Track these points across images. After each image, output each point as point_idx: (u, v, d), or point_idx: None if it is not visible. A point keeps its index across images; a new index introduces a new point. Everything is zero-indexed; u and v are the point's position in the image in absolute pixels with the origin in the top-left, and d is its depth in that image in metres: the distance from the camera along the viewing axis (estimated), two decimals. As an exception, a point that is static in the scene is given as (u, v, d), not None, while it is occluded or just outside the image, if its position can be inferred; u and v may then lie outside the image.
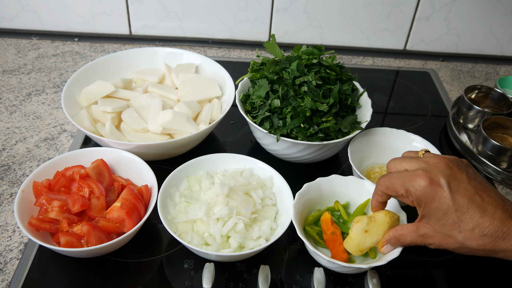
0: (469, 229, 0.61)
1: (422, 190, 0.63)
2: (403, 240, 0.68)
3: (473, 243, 0.61)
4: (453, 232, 0.62)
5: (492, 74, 1.44)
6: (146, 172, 0.88)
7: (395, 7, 1.36)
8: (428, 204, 0.63)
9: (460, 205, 0.61)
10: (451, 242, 0.63)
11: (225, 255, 0.75)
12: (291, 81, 0.94)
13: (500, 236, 0.60)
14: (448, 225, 0.62)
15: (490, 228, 0.60)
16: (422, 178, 0.63)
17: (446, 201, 0.62)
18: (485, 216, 0.60)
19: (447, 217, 0.62)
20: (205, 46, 1.46)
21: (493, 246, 0.61)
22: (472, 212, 0.61)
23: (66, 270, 0.80)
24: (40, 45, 1.40)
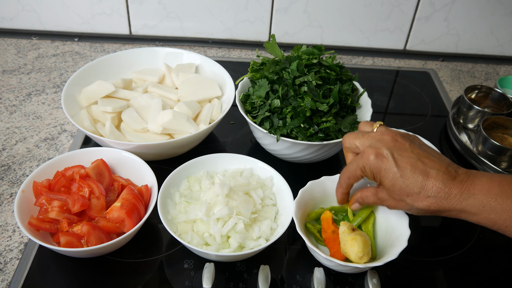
0: (415, 193, 0.67)
1: (371, 164, 0.70)
2: (367, 201, 0.76)
3: (419, 204, 0.67)
4: (402, 196, 0.68)
5: (492, 74, 1.44)
6: (146, 172, 0.88)
7: (395, 7, 1.36)
8: (378, 174, 0.70)
9: (404, 172, 0.67)
10: (402, 205, 0.70)
11: (225, 255, 0.75)
12: (291, 81, 0.94)
13: (443, 196, 0.65)
14: (397, 191, 0.69)
15: (433, 190, 0.66)
16: (370, 154, 0.70)
17: (392, 170, 0.68)
18: (428, 179, 0.66)
19: (395, 184, 0.68)
20: (205, 46, 1.46)
21: (438, 206, 0.66)
22: (416, 176, 0.66)
23: (66, 270, 0.80)
24: (40, 45, 1.40)
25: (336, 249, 0.78)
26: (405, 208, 0.71)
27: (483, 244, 0.90)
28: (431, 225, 0.93)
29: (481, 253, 0.88)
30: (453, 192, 0.65)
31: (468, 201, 0.65)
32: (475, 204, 0.64)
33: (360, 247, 0.73)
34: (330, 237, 0.79)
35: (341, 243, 0.76)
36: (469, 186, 0.65)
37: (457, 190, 0.65)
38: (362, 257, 0.73)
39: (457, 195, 0.65)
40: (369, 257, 0.74)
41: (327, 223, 0.80)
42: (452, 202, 0.65)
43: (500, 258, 0.88)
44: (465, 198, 0.65)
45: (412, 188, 0.67)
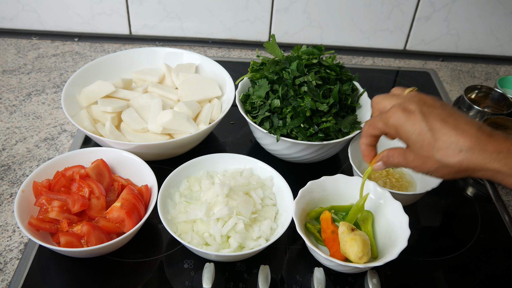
0: (445, 147, 0.62)
1: (396, 118, 0.66)
2: (392, 160, 0.71)
3: (450, 159, 0.62)
4: (431, 152, 0.63)
5: (492, 74, 1.44)
6: (146, 172, 0.88)
7: (395, 7, 1.36)
8: (403, 129, 0.65)
9: (433, 125, 0.63)
10: (430, 163, 0.64)
11: (225, 255, 0.75)
12: (291, 81, 0.94)
13: (477, 152, 0.60)
14: (425, 146, 0.63)
15: (466, 144, 0.60)
16: (396, 109, 0.66)
17: (419, 124, 0.63)
18: (459, 134, 0.61)
19: (423, 139, 0.63)
20: (205, 46, 1.46)
21: (470, 163, 0.61)
22: (446, 130, 0.62)
23: (66, 270, 0.80)
24: (40, 45, 1.40)
25: (336, 249, 0.78)
26: (433, 167, 0.64)
27: (483, 244, 0.90)
28: (431, 225, 0.94)
29: (481, 253, 0.88)
30: (489, 149, 0.60)
31: (506, 160, 0.59)
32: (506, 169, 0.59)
33: (359, 247, 0.73)
34: (329, 237, 0.79)
35: (340, 243, 0.76)
36: (509, 146, 0.60)
37: (493, 148, 0.60)
38: (361, 257, 0.73)
39: (493, 153, 0.59)
40: (368, 257, 0.74)
41: (326, 223, 0.80)
42: (488, 160, 0.60)
43: (500, 258, 0.88)
44: (504, 157, 0.59)
45: (443, 142, 0.61)
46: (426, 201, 0.96)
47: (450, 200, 0.99)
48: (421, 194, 0.88)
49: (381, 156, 0.73)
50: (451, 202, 0.99)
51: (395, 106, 0.67)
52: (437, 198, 0.98)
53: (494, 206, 0.98)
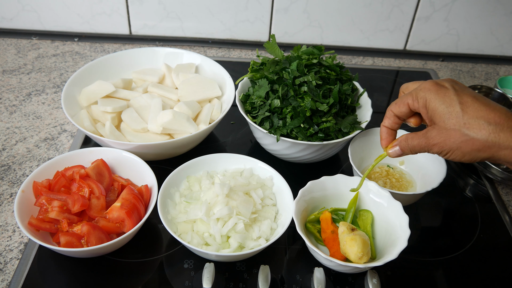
0: (473, 120, 0.61)
1: (428, 90, 0.65)
2: (411, 142, 0.69)
3: (477, 132, 0.61)
4: (458, 125, 0.62)
5: (492, 74, 1.44)
6: (146, 172, 0.88)
7: (395, 7, 1.36)
8: (433, 101, 0.65)
9: (465, 100, 0.63)
10: (455, 137, 0.63)
11: (225, 255, 0.75)
12: (291, 81, 0.94)
13: (505, 127, 0.60)
14: (453, 118, 0.63)
15: (495, 119, 0.60)
16: (428, 82, 0.66)
17: (451, 96, 0.64)
18: (490, 110, 0.61)
19: (451, 111, 0.63)
20: (205, 46, 1.46)
21: (497, 138, 0.60)
22: (477, 105, 0.62)
23: (66, 270, 0.80)
24: (40, 45, 1.40)
25: (336, 249, 0.78)
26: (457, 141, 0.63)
27: (483, 244, 0.90)
28: (431, 225, 0.94)
29: (481, 253, 0.88)
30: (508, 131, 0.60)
31: None
32: None
33: (359, 247, 0.73)
34: (329, 237, 0.79)
35: (340, 243, 0.77)
36: None
37: None
38: (361, 257, 0.73)
39: None
40: (368, 257, 0.74)
41: (326, 223, 0.80)
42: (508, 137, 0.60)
43: (500, 258, 0.88)
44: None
45: (471, 116, 0.61)
46: (426, 201, 0.96)
47: (450, 200, 0.99)
48: (421, 194, 0.88)
49: (399, 140, 0.71)
50: (451, 202, 0.99)
51: (427, 81, 0.67)
52: (437, 198, 0.98)
53: (494, 206, 0.98)
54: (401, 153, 0.72)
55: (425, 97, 0.66)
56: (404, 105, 0.69)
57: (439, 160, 0.92)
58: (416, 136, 0.68)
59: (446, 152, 0.65)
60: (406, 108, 0.70)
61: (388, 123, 0.73)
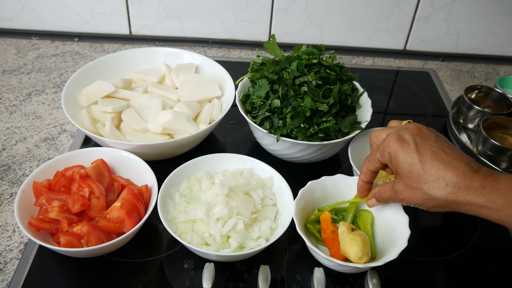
0: (433, 180, 0.64)
1: (391, 147, 0.69)
2: (384, 195, 0.74)
3: (436, 192, 0.64)
4: (419, 184, 0.65)
5: (492, 74, 1.44)
6: (146, 172, 0.88)
7: (395, 7, 1.36)
8: (396, 158, 0.68)
9: (424, 158, 0.65)
10: (418, 195, 0.66)
11: (225, 255, 0.75)
12: (291, 81, 0.94)
13: (462, 187, 0.62)
14: (414, 177, 0.66)
15: (453, 179, 0.63)
16: (391, 137, 0.69)
17: (411, 154, 0.66)
18: (448, 169, 0.63)
19: (412, 169, 0.66)
20: (205, 46, 1.46)
21: (455, 197, 0.63)
22: (436, 164, 0.64)
23: (66, 270, 0.80)
24: (40, 45, 1.40)
25: (336, 249, 0.78)
26: (420, 199, 0.66)
27: (483, 244, 0.90)
28: (431, 225, 0.94)
29: (481, 253, 0.88)
30: (474, 185, 0.62)
31: (491, 195, 0.61)
32: (498, 199, 0.61)
33: (359, 247, 0.73)
34: (329, 237, 0.79)
35: (340, 243, 0.76)
36: (492, 181, 0.62)
37: (479, 184, 0.62)
38: (361, 257, 0.73)
39: (478, 188, 0.62)
40: (368, 257, 0.74)
41: (326, 223, 0.80)
42: (473, 195, 0.62)
43: (500, 258, 0.88)
44: (488, 193, 0.61)
45: (431, 175, 0.64)
46: (426, 201, 0.96)
47: (450, 200, 0.99)
48: (421, 194, 0.87)
49: (373, 193, 0.77)
50: (451, 202, 0.99)
51: (390, 133, 0.70)
52: (437, 198, 0.98)
53: (494, 206, 0.98)
54: (377, 204, 0.78)
55: (390, 154, 0.69)
56: (376, 162, 0.73)
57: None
58: (387, 189, 0.73)
59: (413, 205, 0.69)
60: (378, 163, 0.73)
61: (366, 179, 0.77)
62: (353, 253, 0.73)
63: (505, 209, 0.61)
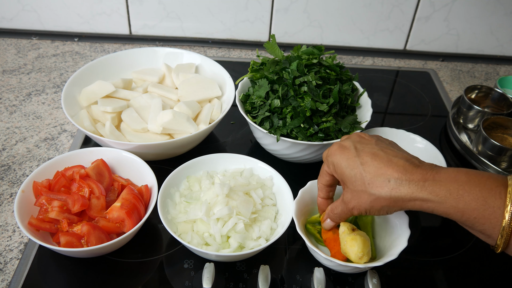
0: (375, 179, 0.64)
1: (333, 156, 0.70)
2: (336, 211, 0.73)
3: (380, 190, 0.64)
4: (363, 186, 0.66)
5: (492, 74, 1.44)
6: (146, 172, 0.88)
7: (395, 7, 1.36)
8: (339, 165, 0.69)
9: (365, 160, 0.66)
10: (364, 198, 0.66)
11: (225, 255, 0.75)
12: (291, 81, 0.94)
13: (404, 181, 0.62)
14: (358, 180, 0.66)
15: (394, 174, 0.63)
16: (333, 147, 0.71)
17: (352, 159, 0.67)
18: (388, 166, 0.64)
19: (355, 173, 0.66)
20: (205, 46, 1.46)
21: (399, 192, 0.62)
22: (377, 163, 0.65)
23: (66, 270, 0.80)
24: (40, 45, 1.40)
25: (337, 249, 0.78)
26: (367, 201, 0.66)
27: (483, 244, 0.89)
28: (431, 225, 0.94)
29: (481, 253, 0.88)
30: (415, 178, 0.62)
31: (433, 188, 0.61)
32: (440, 191, 0.60)
33: (359, 247, 0.73)
34: (330, 238, 0.79)
35: (341, 243, 0.76)
36: (434, 174, 0.62)
37: (420, 176, 0.62)
38: (362, 257, 0.73)
39: (420, 181, 0.61)
40: (369, 257, 0.74)
41: None
42: (415, 189, 0.61)
43: (500, 258, 0.88)
44: (430, 185, 0.61)
45: (372, 175, 0.64)
46: (426, 201, 0.96)
47: (450, 200, 0.99)
48: (421, 194, 0.87)
49: (327, 213, 0.76)
50: (451, 202, 0.99)
51: (333, 144, 0.72)
52: (437, 198, 0.98)
53: (494, 206, 0.98)
54: (333, 224, 0.76)
55: (333, 162, 0.70)
56: (325, 174, 0.74)
57: (439, 160, 0.92)
58: (338, 203, 0.72)
59: (364, 211, 0.68)
60: (327, 175, 0.74)
61: (323, 194, 0.78)
62: (354, 253, 0.73)
63: (448, 201, 0.60)
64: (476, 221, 0.59)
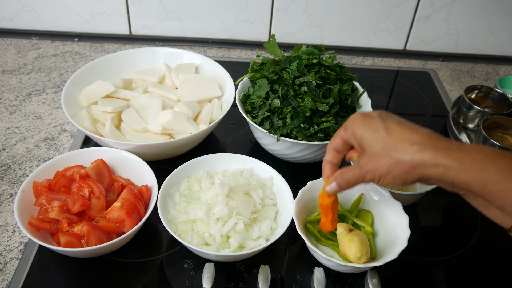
0: (398, 142, 0.63)
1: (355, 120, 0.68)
2: (346, 175, 0.70)
3: (402, 154, 0.63)
4: (385, 149, 0.64)
5: (492, 74, 1.44)
6: (146, 172, 0.88)
7: (395, 7, 1.36)
8: (360, 130, 0.67)
9: (389, 125, 0.65)
10: (383, 162, 0.64)
11: (225, 255, 0.75)
12: (291, 81, 0.94)
13: (428, 146, 0.61)
14: (380, 143, 0.65)
15: (418, 140, 0.62)
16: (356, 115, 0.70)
17: (376, 124, 0.66)
18: (413, 132, 0.63)
19: (378, 136, 0.65)
20: (205, 46, 1.46)
21: (421, 157, 0.61)
22: (401, 129, 0.64)
23: (66, 270, 0.80)
24: (40, 45, 1.40)
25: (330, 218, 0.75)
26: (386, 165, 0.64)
27: (483, 244, 0.90)
28: (431, 225, 0.94)
29: (481, 253, 0.88)
30: (440, 145, 0.61)
31: (457, 155, 0.60)
32: (465, 159, 0.59)
33: (357, 247, 0.73)
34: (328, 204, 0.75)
35: (339, 244, 0.77)
36: (459, 144, 0.61)
37: (445, 144, 0.61)
38: (360, 257, 0.73)
39: (444, 149, 0.61)
40: (367, 256, 0.74)
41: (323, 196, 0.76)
42: (439, 155, 0.60)
43: (500, 258, 0.88)
44: (454, 152, 0.60)
45: (396, 138, 0.64)
46: (426, 201, 0.96)
47: (450, 200, 0.99)
48: (421, 194, 0.88)
49: (335, 176, 0.72)
50: (451, 202, 0.99)
51: (355, 113, 0.71)
52: (437, 198, 0.98)
53: (494, 206, 0.98)
54: (337, 189, 0.72)
55: (353, 126, 0.69)
56: (338, 138, 0.72)
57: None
58: (350, 168, 0.70)
59: (378, 177, 0.66)
60: (340, 140, 0.72)
61: (329, 157, 0.74)
62: (352, 254, 0.73)
63: (472, 169, 0.59)
64: (497, 195, 0.58)
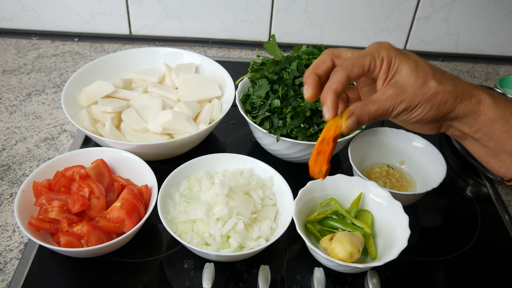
0: (440, 73, 0.66)
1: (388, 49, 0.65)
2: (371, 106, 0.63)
3: (445, 83, 0.64)
4: (428, 77, 0.64)
5: (492, 74, 1.44)
6: (146, 172, 0.88)
7: (395, 7, 1.36)
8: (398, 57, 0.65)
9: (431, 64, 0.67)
10: (425, 90, 0.63)
11: (225, 255, 0.75)
12: (291, 81, 0.94)
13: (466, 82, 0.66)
14: (421, 71, 0.65)
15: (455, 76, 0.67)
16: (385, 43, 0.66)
17: (412, 56, 0.67)
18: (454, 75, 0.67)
19: (420, 65, 0.65)
20: (205, 46, 1.46)
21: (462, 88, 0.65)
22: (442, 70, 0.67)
23: (66, 270, 0.80)
24: (40, 45, 1.40)
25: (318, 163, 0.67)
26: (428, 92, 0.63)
27: (483, 244, 0.90)
28: (431, 225, 0.94)
29: (481, 253, 0.88)
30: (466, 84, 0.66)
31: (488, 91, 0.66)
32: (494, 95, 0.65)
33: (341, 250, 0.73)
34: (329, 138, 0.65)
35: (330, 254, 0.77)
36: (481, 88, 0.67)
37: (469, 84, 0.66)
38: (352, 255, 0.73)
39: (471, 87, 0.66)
40: (359, 252, 0.74)
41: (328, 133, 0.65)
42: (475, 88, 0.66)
43: (500, 258, 0.88)
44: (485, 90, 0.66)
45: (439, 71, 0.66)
46: (426, 201, 0.96)
47: (450, 200, 0.99)
48: (421, 194, 0.88)
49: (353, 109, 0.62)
50: (451, 202, 0.99)
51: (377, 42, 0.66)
52: (437, 198, 0.98)
53: (494, 206, 0.98)
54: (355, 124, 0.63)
55: (390, 55, 0.65)
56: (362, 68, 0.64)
57: (439, 160, 0.92)
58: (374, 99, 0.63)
59: (414, 107, 0.64)
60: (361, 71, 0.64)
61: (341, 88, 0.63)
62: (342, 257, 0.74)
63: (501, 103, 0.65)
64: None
